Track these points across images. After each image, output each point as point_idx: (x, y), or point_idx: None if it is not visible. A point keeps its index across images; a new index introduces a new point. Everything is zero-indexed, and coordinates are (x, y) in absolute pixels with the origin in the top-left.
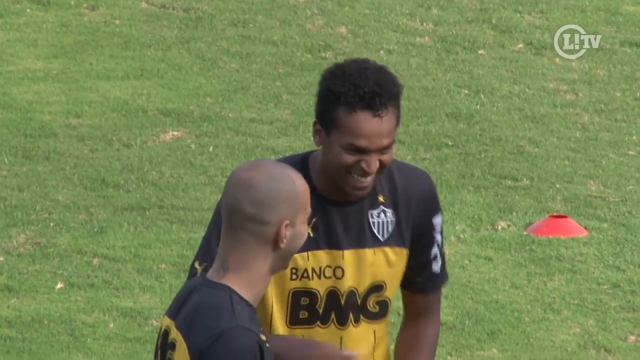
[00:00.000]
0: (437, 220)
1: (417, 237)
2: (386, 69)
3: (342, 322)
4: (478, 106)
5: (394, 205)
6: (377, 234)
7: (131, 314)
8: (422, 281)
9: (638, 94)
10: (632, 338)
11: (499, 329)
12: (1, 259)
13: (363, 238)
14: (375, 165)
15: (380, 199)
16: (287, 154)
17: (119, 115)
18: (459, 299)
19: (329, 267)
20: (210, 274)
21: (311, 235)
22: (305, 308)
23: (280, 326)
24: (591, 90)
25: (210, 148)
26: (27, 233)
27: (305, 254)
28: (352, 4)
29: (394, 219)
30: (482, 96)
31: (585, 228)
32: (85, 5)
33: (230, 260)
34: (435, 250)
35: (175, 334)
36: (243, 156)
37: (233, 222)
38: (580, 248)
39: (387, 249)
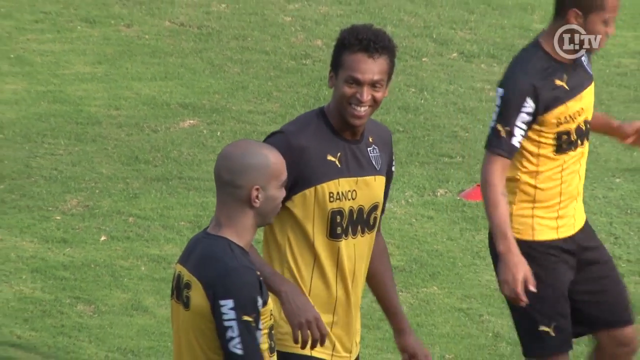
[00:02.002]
0: (394, 164)
1: (388, 168)
2: (385, 32)
3: (354, 233)
4: (422, 101)
5: (377, 144)
6: (374, 165)
7: (158, 260)
8: (383, 203)
9: None
10: None
11: (438, 271)
12: (58, 218)
13: (368, 168)
14: (367, 95)
15: (371, 139)
16: None
17: (148, 108)
18: (408, 248)
19: (349, 190)
20: (210, 229)
21: (338, 165)
22: (339, 224)
23: (321, 240)
24: None
25: (218, 133)
26: (78, 198)
27: (337, 180)
28: (325, 23)
29: (379, 154)
30: (426, 93)
31: None
32: (122, 23)
33: (222, 218)
34: (389, 186)
35: (189, 276)
36: (243, 139)
37: (218, 188)
38: None
39: (380, 177)
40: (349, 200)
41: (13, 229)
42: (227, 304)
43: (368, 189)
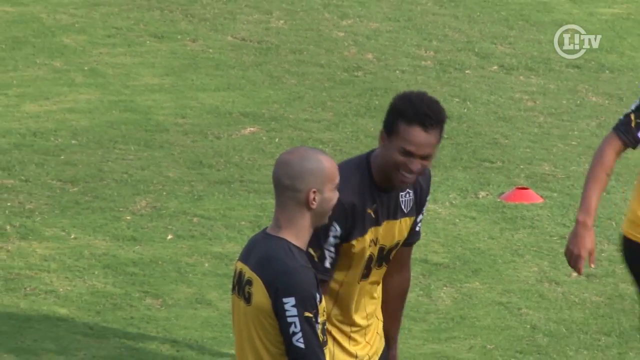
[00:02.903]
0: (428, 198)
1: (420, 205)
2: (438, 102)
3: (370, 273)
4: (465, 110)
5: (413, 187)
6: (403, 209)
7: (220, 257)
8: (410, 237)
9: (578, 102)
10: (574, 275)
11: (480, 268)
12: (128, 218)
13: (396, 212)
14: (417, 166)
15: (397, 183)
16: (329, 144)
17: (212, 116)
18: (452, 246)
19: (376, 237)
20: (269, 230)
21: (373, 217)
22: (367, 267)
23: (350, 282)
24: (545, 99)
25: (277, 139)
26: (147, 199)
27: (371, 230)
28: (376, 38)
29: (412, 197)
30: (468, 103)
31: (541, 196)
32: (188, 38)
33: (282, 220)
34: (421, 217)
35: (250, 274)
36: (299, 145)
37: (278, 192)
38: (537, 211)
39: (406, 219)
40: (376, 245)
41: (86, 228)
42: (290, 301)
43: (391, 232)
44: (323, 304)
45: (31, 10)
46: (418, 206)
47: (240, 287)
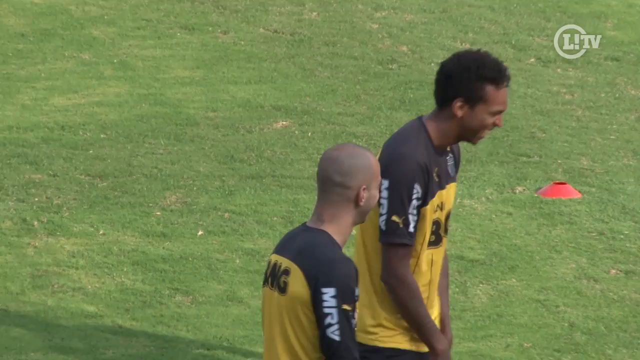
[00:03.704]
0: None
1: (455, 175)
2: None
3: (440, 242)
4: None
5: (453, 151)
6: (451, 173)
7: (252, 253)
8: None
9: (617, 95)
10: (613, 271)
11: (517, 265)
12: (158, 213)
13: (448, 177)
14: (501, 120)
15: (448, 148)
16: (363, 138)
17: (243, 110)
18: (488, 242)
19: (441, 202)
20: (310, 224)
21: (437, 180)
22: (435, 233)
23: (423, 249)
24: (583, 92)
25: (309, 133)
26: (177, 194)
27: (439, 192)
28: (411, 30)
29: (453, 162)
30: None
31: (579, 192)
32: (219, 30)
33: (325, 215)
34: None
35: (288, 264)
36: (332, 139)
37: (325, 188)
38: (575, 206)
39: (454, 184)
40: (442, 210)
41: (115, 224)
42: (329, 292)
43: (448, 198)
44: (358, 300)
45: (60, 1)
46: (456, 172)
47: (275, 278)
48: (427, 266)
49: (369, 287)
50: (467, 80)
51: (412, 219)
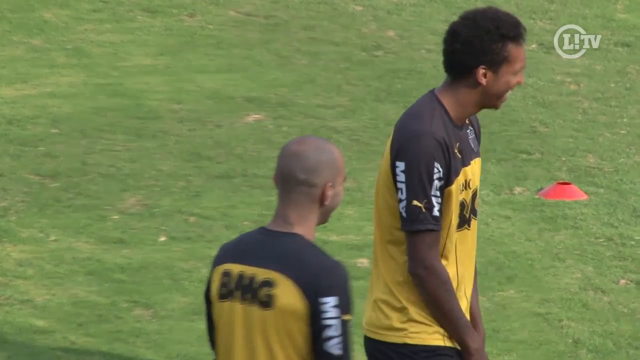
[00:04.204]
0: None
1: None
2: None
3: (469, 222)
4: None
5: (472, 124)
6: (473, 147)
7: None
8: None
9: (628, 85)
10: (622, 282)
11: (515, 274)
12: (116, 217)
13: (472, 153)
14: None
15: (467, 121)
16: (345, 133)
17: (211, 102)
18: (484, 249)
19: (467, 180)
20: (274, 227)
21: (459, 156)
22: (462, 215)
23: (448, 236)
24: (590, 81)
25: (285, 128)
26: (137, 196)
27: (463, 169)
28: (399, 13)
29: (474, 135)
30: None
31: (586, 193)
32: (185, 13)
33: (292, 217)
34: None
35: (269, 274)
36: (311, 134)
37: (288, 187)
38: (581, 209)
39: (478, 159)
40: (467, 189)
41: (68, 229)
42: (330, 302)
43: (473, 174)
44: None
45: None
46: (478, 145)
47: (249, 290)
48: (453, 254)
49: (389, 279)
50: (489, 44)
51: (435, 201)
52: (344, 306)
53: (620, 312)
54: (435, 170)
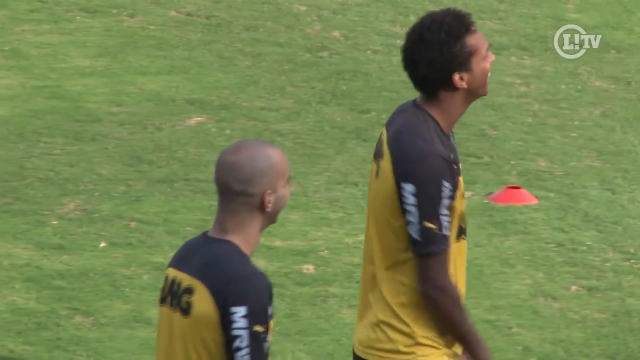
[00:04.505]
0: None
1: None
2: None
3: (465, 232)
4: None
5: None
6: (458, 155)
7: (162, 268)
8: None
9: (579, 87)
10: (573, 288)
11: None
12: (55, 222)
13: (459, 160)
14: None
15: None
16: (289, 136)
17: (152, 104)
18: None
19: (462, 189)
20: (212, 234)
21: (455, 167)
22: (458, 226)
23: (452, 244)
24: (541, 83)
25: (228, 131)
26: (76, 201)
27: (460, 179)
28: (344, 13)
29: (454, 140)
30: None
31: (536, 197)
32: (125, 13)
33: (228, 224)
34: None
35: (190, 281)
36: (254, 138)
37: (225, 197)
38: (531, 214)
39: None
40: (463, 199)
41: (5, 234)
42: (239, 312)
43: (461, 182)
44: (273, 318)
45: None
46: None
47: (175, 297)
48: (453, 265)
49: (393, 301)
50: (450, 52)
51: (445, 220)
52: (255, 316)
53: (571, 319)
54: (444, 189)
